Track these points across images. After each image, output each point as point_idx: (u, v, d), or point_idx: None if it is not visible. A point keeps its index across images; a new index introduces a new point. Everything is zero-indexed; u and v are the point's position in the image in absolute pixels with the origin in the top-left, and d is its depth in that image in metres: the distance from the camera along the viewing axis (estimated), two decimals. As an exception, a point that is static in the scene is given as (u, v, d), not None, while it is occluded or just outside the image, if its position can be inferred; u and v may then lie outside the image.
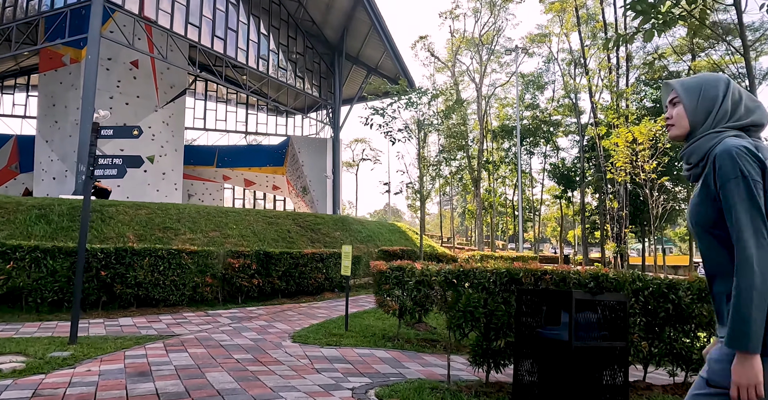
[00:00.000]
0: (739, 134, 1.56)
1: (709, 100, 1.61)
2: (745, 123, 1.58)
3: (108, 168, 5.76)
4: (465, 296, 4.30)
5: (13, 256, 7.92)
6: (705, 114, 1.61)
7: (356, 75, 30.35)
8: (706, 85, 1.63)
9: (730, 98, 1.60)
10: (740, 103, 1.60)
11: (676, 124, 1.67)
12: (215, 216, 14.13)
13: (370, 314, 9.62)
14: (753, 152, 1.45)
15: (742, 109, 1.60)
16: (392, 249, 15.73)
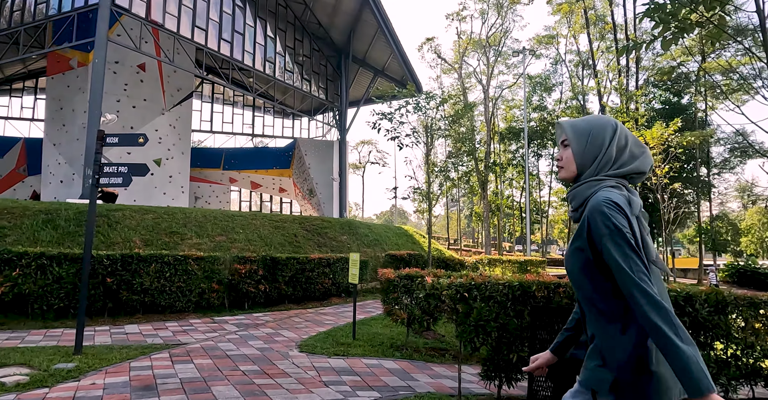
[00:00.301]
0: (617, 184, 1.57)
1: (596, 146, 1.61)
2: (627, 170, 1.60)
3: (113, 176, 5.69)
4: (477, 310, 4.19)
5: (19, 263, 7.88)
6: (591, 159, 1.61)
7: (363, 77, 30.29)
8: (595, 129, 1.63)
9: (615, 144, 1.60)
10: (625, 150, 1.61)
11: (565, 167, 1.67)
12: (222, 220, 14.08)
13: (377, 321, 9.52)
14: (622, 208, 1.47)
15: (626, 156, 1.61)
16: (399, 253, 15.63)
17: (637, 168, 1.61)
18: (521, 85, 37.50)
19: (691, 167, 26.93)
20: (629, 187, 1.60)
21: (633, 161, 1.61)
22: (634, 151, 1.62)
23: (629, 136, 1.63)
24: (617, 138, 1.61)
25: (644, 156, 1.64)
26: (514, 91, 38.61)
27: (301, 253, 14.29)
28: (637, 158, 1.62)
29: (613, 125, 1.64)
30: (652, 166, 1.66)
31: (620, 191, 1.54)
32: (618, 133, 1.62)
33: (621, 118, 20.45)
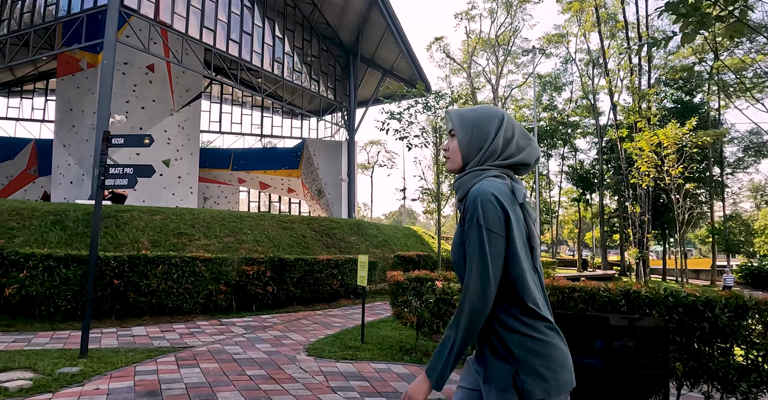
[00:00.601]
0: (501, 174, 1.55)
1: (482, 137, 1.58)
2: (513, 161, 1.58)
3: (119, 178, 5.62)
4: (488, 315, 4.06)
5: (26, 264, 7.85)
6: (477, 149, 1.58)
7: (371, 77, 30.20)
8: (482, 120, 1.60)
9: (502, 136, 1.58)
10: (512, 141, 1.59)
11: (451, 158, 1.65)
12: (230, 221, 14.02)
13: (386, 323, 9.40)
14: (499, 200, 1.46)
15: (513, 148, 1.59)
16: (408, 254, 15.51)
17: (523, 160, 1.59)
18: (531, 84, 37.26)
19: (704, 167, 26.59)
20: (514, 177, 1.59)
21: (519, 153, 1.59)
22: (521, 143, 1.60)
23: (516, 128, 1.62)
24: (504, 129, 1.59)
25: (530, 148, 1.62)
26: (523, 91, 38.46)
27: (310, 254, 14.20)
28: (524, 150, 1.60)
29: (500, 116, 1.61)
30: (538, 157, 1.66)
31: (503, 180, 1.53)
32: (505, 124, 1.60)
33: (633, 117, 20.21)
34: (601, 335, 3.03)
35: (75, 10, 18.10)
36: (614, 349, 3.04)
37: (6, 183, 27.49)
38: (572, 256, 51.69)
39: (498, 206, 1.45)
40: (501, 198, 1.46)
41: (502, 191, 1.48)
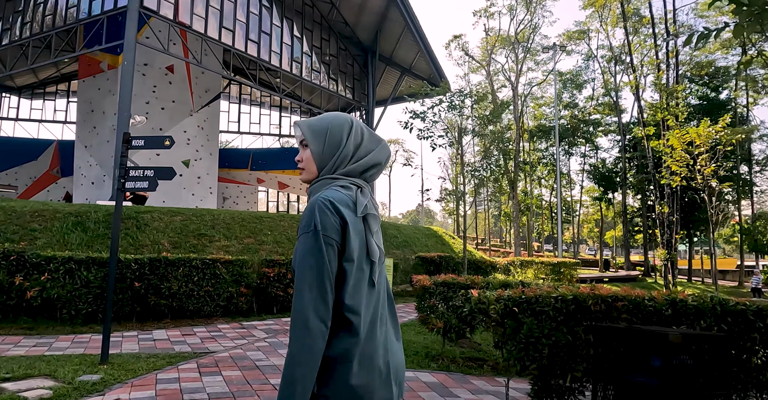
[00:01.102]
0: (349, 186, 1.51)
1: (334, 144, 1.56)
2: (365, 162, 1.57)
3: (139, 180, 5.49)
4: (527, 325, 3.83)
5: (47, 267, 7.80)
6: (330, 157, 1.56)
7: (390, 76, 30.00)
8: (333, 128, 1.58)
9: (352, 141, 1.57)
10: (361, 145, 1.59)
11: (306, 169, 1.62)
12: (250, 222, 13.93)
13: (410, 327, 9.19)
14: (336, 207, 1.41)
15: (363, 151, 1.58)
16: (430, 256, 15.28)
17: (375, 159, 1.59)
18: (551, 82, 36.77)
19: (732, 165, 25.91)
20: (364, 188, 1.56)
21: (369, 154, 1.58)
22: (369, 146, 1.60)
23: (365, 131, 1.62)
24: (353, 134, 1.58)
25: (380, 148, 1.62)
26: (543, 89, 37.89)
27: (330, 255, 14.07)
28: (372, 151, 1.59)
29: (349, 122, 1.61)
30: (388, 156, 1.66)
31: (347, 191, 1.49)
32: (354, 129, 1.59)
33: (660, 115, 19.67)
34: (658, 351, 2.79)
35: (95, 11, 18.17)
36: (672, 366, 2.79)
37: (29, 184, 27.84)
38: (593, 255, 51.02)
39: (335, 213, 1.41)
40: (339, 205, 1.42)
41: (342, 200, 1.45)
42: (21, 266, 7.73)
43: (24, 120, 31.04)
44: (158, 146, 5.51)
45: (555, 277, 19.22)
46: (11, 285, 7.63)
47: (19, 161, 27.96)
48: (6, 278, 7.58)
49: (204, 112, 23.29)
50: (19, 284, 7.59)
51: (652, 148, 20.61)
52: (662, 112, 19.54)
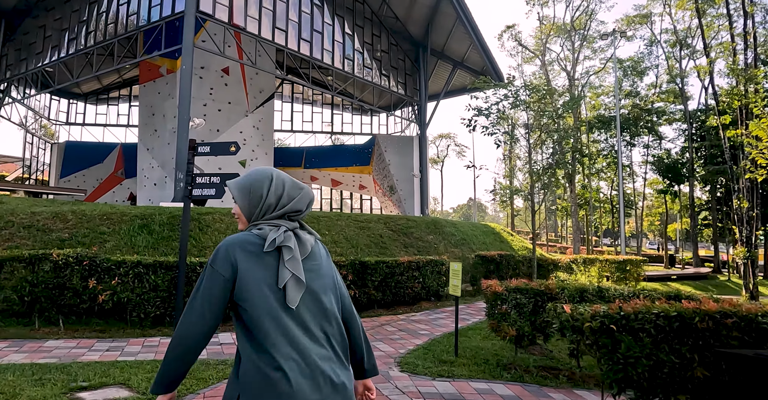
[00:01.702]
0: (266, 226, 1.75)
1: (257, 198, 1.79)
2: (287, 210, 1.80)
3: (206, 187, 5.44)
4: (625, 345, 3.48)
5: (117, 271, 7.95)
6: (255, 208, 1.80)
7: (441, 70, 29.54)
8: (254, 185, 1.81)
9: (274, 193, 1.80)
10: (283, 194, 1.80)
11: (240, 220, 1.87)
12: (308, 221, 13.93)
13: (475, 331, 8.89)
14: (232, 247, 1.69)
15: (285, 199, 1.80)
16: (489, 254, 14.86)
17: (295, 207, 1.82)
18: (609, 70, 35.30)
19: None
20: (291, 225, 1.79)
21: (291, 202, 1.80)
22: (292, 193, 1.82)
23: (286, 181, 1.83)
24: (274, 186, 1.80)
25: (301, 195, 1.84)
26: (601, 77, 36.34)
27: (387, 254, 13.90)
28: (294, 198, 1.82)
29: (270, 176, 1.82)
30: (311, 200, 1.87)
31: (260, 231, 1.74)
32: (274, 182, 1.81)
33: (737, 102, 18.30)
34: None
35: (154, 18, 18.65)
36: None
37: (96, 185, 29.10)
38: (654, 250, 48.93)
39: (229, 252, 1.68)
40: (237, 245, 1.69)
41: (242, 240, 1.71)
42: (93, 271, 7.92)
43: (90, 125, 32.46)
44: (224, 152, 5.44)
45: (620, 275, 18.37)
46: (84, 289, 7.82)
47: (86, 164, 29.29)
48: (80, 282, 7.77)
49: (259, 112, 23.60)
50: (93, 287, 7.76)
51: (728, 138, 19.29)
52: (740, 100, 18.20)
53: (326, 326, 1.73)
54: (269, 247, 1.68)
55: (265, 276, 1.66)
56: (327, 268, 1.84)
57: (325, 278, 1.80)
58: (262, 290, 1.65)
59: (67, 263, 7.73)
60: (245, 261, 1.66)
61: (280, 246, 1.69)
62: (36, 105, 29.65)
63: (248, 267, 1.66)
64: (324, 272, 1.80)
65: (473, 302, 13.23)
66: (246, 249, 1.69)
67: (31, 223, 10.82)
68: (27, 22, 24.55)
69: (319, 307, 1.73)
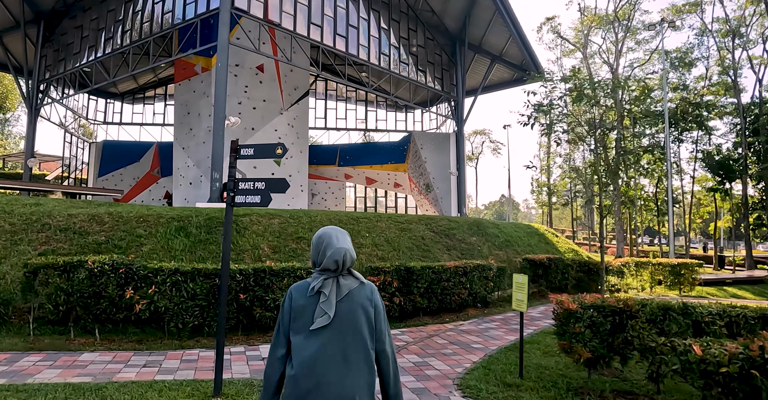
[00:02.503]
0: (316, 275, 2.31)
1: (314, 253, 2.38)
2: (325, 265, 2.30)
3: (250, 194, 4.91)
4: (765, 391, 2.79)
5: (154, 280, 7.54)
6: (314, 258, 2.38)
7: (478, 65, 28.68)
8: (313, 243, 2.40)
9: (319, 252, 2.35)
10: (320, 253, 2.34)
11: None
12: (346, 223, 13.41)
13: (533, 345, 8.19)
14: (291, 291, 2.34)
15: (320, 257, 2.34)
16: (538, 258, 14.09)
17: (326, 266, 2.30)
18: (654, 62, 33.81)
19: None
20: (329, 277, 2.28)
21: (323, 259, 2.32)
22: (326, 252, 2.32)
23: (331, 244, 2.32)
24: (313, 251, 2.39)
25: (333, 253, 2.29)
26: (645, 70, 34.68)
27: (430, 257, 13.28)
28: (326, 257, 2.31)
29: (320, 238, 2.39)
30: (337, 258, 2.28)
31: (311, 279, 2.33)
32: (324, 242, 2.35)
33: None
34: None
35: (189, 15, 18.39)
36: None
37: (133, 184, 29.25)
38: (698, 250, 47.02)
39: (288, 297, 2.33)
40: (294, 292, 2.32)
41: (300, 287, 2.34)
42: (129, 279, 7.53)
43: (126, 124, 32.69)
44: (270, 155, 4.91)
45: (674, 279, 17.33)
46: (121, 298, 7.44)
47: (123, 163, 29.48)
48: (116, 291, 7.39)
49: (293, 110, 23.20)
50: (130, 297, 7.37)
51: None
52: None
53: (353, 357, 2.22)
54: (311, 292, 2.26)
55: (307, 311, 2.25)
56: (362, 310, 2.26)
57: (355, 318, 2.24)
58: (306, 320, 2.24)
59: (103, 271, 7.35)
60: (295, 299, 2.29)
61: (318, 290, 2.24)
62: (74, 105, 29.97)
63: (298, 304, 2.27)
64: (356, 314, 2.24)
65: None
66: (302, 291, 2.30)
67: (68, 225, 10.57)
68: (65, 22, 24.71)
69: (348, 341, 2.22)
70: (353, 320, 2.22)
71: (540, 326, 10.16)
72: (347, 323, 2.21)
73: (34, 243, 9.94)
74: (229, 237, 5.02)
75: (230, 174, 5.03)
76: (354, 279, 2.31)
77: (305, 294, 2.25)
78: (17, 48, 25.47)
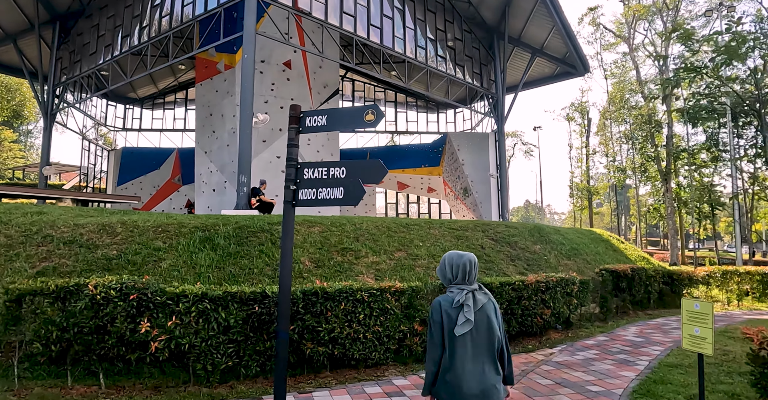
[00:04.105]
0: (455, 290, 3.00)
1: (444, 274, 3.09)
2: (457, 281, 3.01)
3: (326, 186, 3.05)
4: None
5: (175, 308, 5.73)
6: (443, 280, 3.11)
7: (517, 60, 26.72)
8: (442, 266, 3.09)
9: (450, 272, 3.05)
10: (452, 271, 3.04)
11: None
12: (396, 231, 11.53)
13: (666, 387, 6.16)
14: (441, 305, 2.96)
15: (454, 274, 3.03)
16: (621, 269, 12.02)
17: (460, 280, 3.00)
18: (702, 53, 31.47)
19: None
20: (464, 288, 2.98)
21: (457, 276, 3.01)
22: (457, 273, 3.01)
23: (455, 264, 3.04)
24: (451, 269, 3.04)
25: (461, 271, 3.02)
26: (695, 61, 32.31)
27: (494, 269, 11.33)
28: (458, 275, 3.01)
29: (450, 261, 3.08)
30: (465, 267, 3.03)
31: (450, 294, 3.00)
32: (454, 264, 3.05)
33: None
34: None
35: (212, 5, 16.84)
36: None
37: (153, 193, 27.80)
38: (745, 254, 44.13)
39: (439, 309, 2.95)
40: (443, 304, 2.95)
41: (446, 300, 2.96)
42: (143, 307, 5.73)
43: (146, 130, 31.37)
44: (353, 124, 3.05)
45: (764, 290, 15.11)
46: (133, 333, 5.64)
47: (144, 171, 28.07)
48: (126, 324, 5.59)
49: (323, 108, 21.48)
50: (145, 332, 5.57)
51: None
52: None
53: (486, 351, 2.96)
54: (456, 304, 2.92)
55: (454, 319, 2.91)
56: (491, 317, 2.98)
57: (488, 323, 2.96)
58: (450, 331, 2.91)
59: (108, 298, 5.57)
60: (445, 312, 2.93)
61: (462, 303, 2.92)
62: (93, 111, 28.71)
63: (448, 314, 2.92)
64: (488, 320, 2.96)
65: (611, 331, 10.45)
66: (448, 304, 2.95)
67: (74, 237, 8.86)
68: (80, 23, 23.42)
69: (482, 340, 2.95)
70: (486, 328, 2.96)
71: (653, 355, 8.12)
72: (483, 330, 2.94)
73: (32, 259, 8.23)
74: (290, 246, 3.19)
75: (290, 156, 3.19)
76: (484, 294, 3.04)
77: (451, 306, 2.93)
78: (32, 51, 24.22)
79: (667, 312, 13.27)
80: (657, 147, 29.13)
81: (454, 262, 3.00)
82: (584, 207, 41.01)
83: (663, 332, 10.34)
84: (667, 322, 11.75)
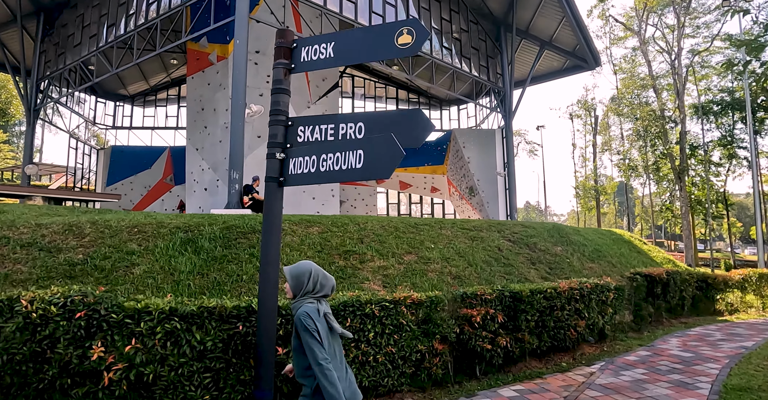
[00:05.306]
0: (313, 301, 3.08)
1: (300, 283, 3.12)
2: (320, 295, 3.15)
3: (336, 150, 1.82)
4: None
5: (136, 328, 4.49)
6: (299, 290, 3.13)
7: (524, 53, 25.56)
8: (300, 275, 3.13)
9: (311, 282, 3.12)
10: (317, 283, 3.13)
11: (288, 294, 3.25)
12: (405, 232, 10.31)
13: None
14: (309, 315, 2.97)
15: (319, 286, 3.13)
16: (656, 273, 10.82)
17: (323, 291, 3.17)
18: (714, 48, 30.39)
19: None
20: (322, 301, 3.14)
21: (322, 289, 3.15)
22: (323, 283, 3.15)
23: (320, 274, 3.18)
24: (311, 279, 3.13)
25: (327, 284, 3.18)
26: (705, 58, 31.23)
27: (515, 273, 10.10)
28: (325, 286, 3.16)
29: (310, 270, 3.15)
30: (333, 286, 3.21)
31: (313, 305, 3.04)
32: (312, 276, 3.14)
33: None
34: None
35: (202, -13, 15.66)
36: None
37: (144, 193, 26.55)
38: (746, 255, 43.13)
39: (311, 319, 2.96)
40: (312, 314, 2.97)
41: (312, 310, 3.00)
42: (94, 328, 4.48)
43: (137, 128, 30.11)
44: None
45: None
46: (82, 360, 4.39)
47: (134, 171, 26.80)
48: (70, 350, 4.35)
49: (322, 103, 20.27)
50: (98, 359, 4.33)
51: None
52: None
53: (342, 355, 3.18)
54: (322, 313, 3.04)
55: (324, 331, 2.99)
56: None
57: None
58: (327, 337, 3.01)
59: (48, 317, 4.33)
60: (318, 321, 2.97)
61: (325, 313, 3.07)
62: (81, 108, 27.45)
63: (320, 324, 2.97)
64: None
65: (650, 344, 9.23)
66: (316, 314, 2.99)
67: (33, 239, 7.61)
68: (65, 13, 22.19)
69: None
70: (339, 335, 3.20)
71: (711, 375, 6.89)
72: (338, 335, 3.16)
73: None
74: (276, 254, 2.05)
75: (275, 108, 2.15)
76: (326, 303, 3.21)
77: (319, 316, 3.01)
78: (14, 45, 23.00)
79: (703, 320, 12.06)
80: (670, 144, 27.95)
81: (318, 275, 3.19)
82: (591, 207, 39.84)
83: (710, 345, 9.12)
84: (709, 332, 10.53)
